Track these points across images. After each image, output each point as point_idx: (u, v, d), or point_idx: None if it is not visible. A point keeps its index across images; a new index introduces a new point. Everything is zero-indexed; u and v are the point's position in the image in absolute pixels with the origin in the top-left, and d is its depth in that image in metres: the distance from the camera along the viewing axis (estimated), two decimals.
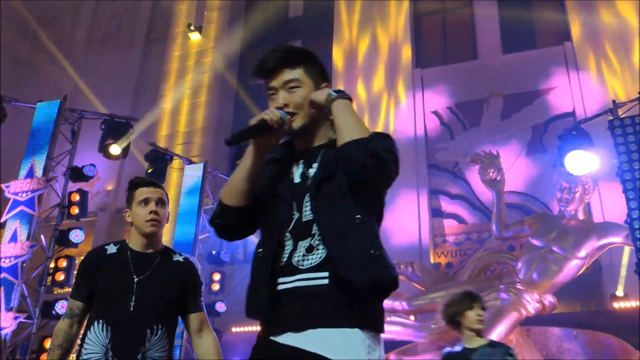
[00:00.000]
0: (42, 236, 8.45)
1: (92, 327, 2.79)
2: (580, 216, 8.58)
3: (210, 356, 2.88)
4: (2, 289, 7.93)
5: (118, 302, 2.81)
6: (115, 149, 9.24)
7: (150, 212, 2.92)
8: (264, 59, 2.03)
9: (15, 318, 7.82)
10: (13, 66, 17.19)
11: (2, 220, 8.39)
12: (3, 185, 8.52)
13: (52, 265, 8.36)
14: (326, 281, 1.82)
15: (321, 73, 2.09)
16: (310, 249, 1.87)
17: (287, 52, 2.05)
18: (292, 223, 1.92)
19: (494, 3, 13.37)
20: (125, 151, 9.41)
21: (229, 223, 2.03)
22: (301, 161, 2.00)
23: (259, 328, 1.97)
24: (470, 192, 11.47)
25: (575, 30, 12.19)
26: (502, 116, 12.02)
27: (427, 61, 13.48)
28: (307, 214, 1.91)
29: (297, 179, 1.98)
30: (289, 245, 1.90)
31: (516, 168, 11.07)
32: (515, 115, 11.90)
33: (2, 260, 7.98)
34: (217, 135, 13.74)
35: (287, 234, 1.91)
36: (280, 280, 1.87)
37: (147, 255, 2.93)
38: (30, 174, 8.50)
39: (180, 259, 3.00)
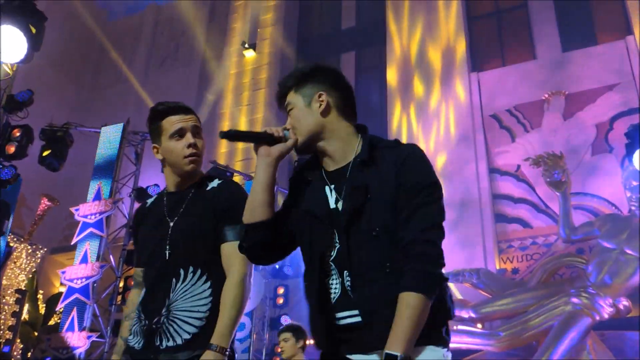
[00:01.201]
0: (111, 256, 8.69)
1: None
2: None
3: (225, 301, 2.26)
4: (75, 309, 8.19)
5: (155, 255, 2.40)
6: None
7: (189, 145, 2.43)
8: (276, 92, 2.10)
9: (88, 337, 8.05)
10: (78, 92, 17.84)
11: (73, 242, 8.68)
12: (73, 209, 8.82)
13: (121, 284, 8.59)
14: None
15: (315, 84, 2.01)
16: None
17: (286, 79, 2.06)
18: (335, 251, 1.88)
19: (550, 1, 13.10)
20: None
21: (256, 241, 1.97)
22: (333, 185, 1.94)
23: None
24: (534, 195, 11.21)
25: (637, 22, 11.79)
26: (564, 116, 11.71)
27: (483, 64, 13.29)
28: (343, 246, 1.87)
29: (332, 204, 1.93)
30: (335, 276, 1.88)
31: (582, 168, 10.76)
32: (578, 114, 11.58)
33: (74, 281, 8.25)
34: None
35: (331, 264, 1.88)
36: (338, 315, 1.86)
37: (181, 193, 2.47)
38: (98, 197, 8.77)
39: (215, 184, 2.48)
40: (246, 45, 15.36)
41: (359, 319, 1.81)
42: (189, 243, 2.35)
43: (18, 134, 7.34)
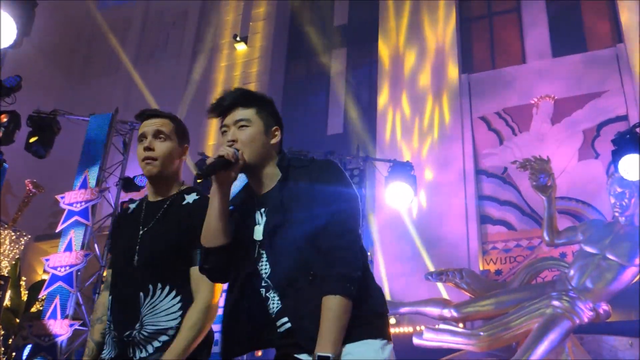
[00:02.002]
0: (95, 245, 8.67)
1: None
2: (636, 222, 8.33)
3: (186, 322, 2.27)
4: (58, 297, 8.16)
5: (123, 262, 2.40)
6: None
7: (144, 148, 2.40)
8: (221, 98, 2.16)
9: (71, 325, 8.03)
10: (66, 81, 17.72)
11: (58, 230, 8.65)
12: (58, 197, 8.78)
13: (105, 273, 8.56)
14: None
15: (273, 116, 2.18)
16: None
17: (242, 93, 2.16)
18: (268, 268, 2.05)
19: (542, 5, 13.17)
20: None
21: (217, 264, 2.08)
22: (262, 208, 2.09)
23: None
24: (519, 199, 11.29)
25: (628, 31, 11.88)
26: (552, 121, 11.80)
27: (474, 66, 13.35)
28: (271, 262, 2.05)
29: (261, 226, 2.08)
30: (272, 290, 2.05)
31: (568, 174, 10.85)
32: (566, 120, 11.67)
33: (58, 269, 8.22)
34: None
35: (268, 280, 2.05)
36: (279, 322, 2.04)
37: (157, 202, 2.45)
38: (84, 185, 8.74)
39: (190, 200, 2.43)
40: (238, 39, 15.32)
41: (289, 325, 1.99)
42: (156, 255, 2.35)
43: (5, 120, 7.30)
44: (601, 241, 8.11)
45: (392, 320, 9.96)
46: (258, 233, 2.07)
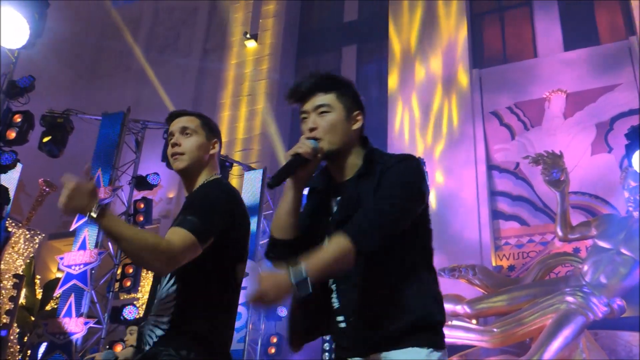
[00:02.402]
0: (109, 243, 8.72)
1: None
2: None
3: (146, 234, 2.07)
4: (73, 295, 8.23)
5: None
6: None
7: (172, 145, 2.39)
8: (300, 83, 2.07)
9: (85, 323, 8.09)
10: (78, 80, 17.81)
11: (72, 228, 8.71)
12: None
13: (119, 272, 8.62)
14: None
15: (354, 100, 2.08)
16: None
17: (322, 77, 2.07)
18: None
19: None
20: None
21: (283, 255, 2.01)
22: (337, 197, 2.03)
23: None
24: (532, 194, 11.23)
25: None
26: (564, 115, 11.72)
27: (485, 61, 13.29)
28: None
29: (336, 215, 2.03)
30: (334, 284, 2.01)
31: (580, 168, 10.78)
32: (578, 114, 11.59)
33: (73, 267, 8.28)
34: (275, 141, 13.88)
35: None
36: (338, 319, 1.98)
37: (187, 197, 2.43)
38: (97, 184, 8.79)
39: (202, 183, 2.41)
40: (248, 36, 15.33)
41: (344, 324, 1.94)
42: None
43: (19, 120, 7.36)
44: (615, 236, 8.08)
45: None
46: (331, 222, 2.01)
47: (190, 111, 2.52)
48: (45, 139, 8.76)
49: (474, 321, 8.74)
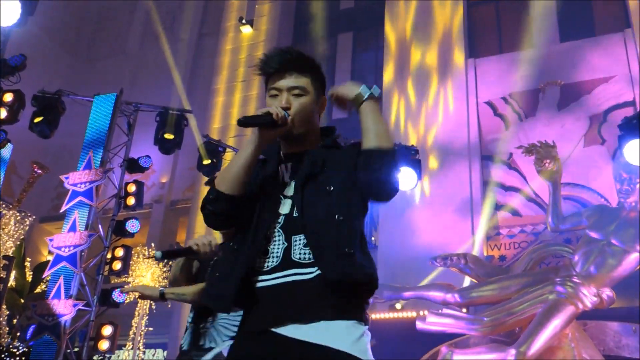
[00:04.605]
0: (99, 226, 8.68)
1: None
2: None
3: None
4: (62, 277, 8.19)
5: None
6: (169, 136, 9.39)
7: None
8: (274, 57, 2.06)
9: (74, 305, 8.06)
10: (72, 61, 17.69)
11: (62, 210, 8.66)
12: (63, 177, 8.78)
13: (109, 254, 8.58)
14: (311, 276, 1.86)
15: (322, 84, 2.13)
16: (306, 244, 1.90)
17: (300, 57, 2.08)
18: (282, 219, 1.96)
19: None
20: (179, 143, 9.55)
21: (222, 211, 1.99)
22: (289, 163, 2.05)
23: None
24: (525, 184, 11.24)
25: (636, 15, 11.76)
26: (558, 106, 11.72)
27: (480, 51, 13.26)
28: (296, 210, 1.96)
29: (287, 178, 2.03)
30: (281, 241, 1.93)
31: (573, 159, 10.79)
32: (572, 105, 11.59)
33: (62, 249, 8.24)
34: None
35: (279, 230, 1.94)
36: (276, 275, 1.89)
37: None
38: (89, 166, 8.74)
39: None
40: (243, 21, 15.24)
41: (301, 277, 1.85)
42: None
43: (10, 99, 7.28)
44: (606, 227, 8.08)
45: (397, 306, 9.97)
46: (286, 185, 2.01)
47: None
48: (37, 120, 8.68)
49: (464, 310, 8.74)
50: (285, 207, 1.97)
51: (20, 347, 7.89)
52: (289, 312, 1.83)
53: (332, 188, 1.93)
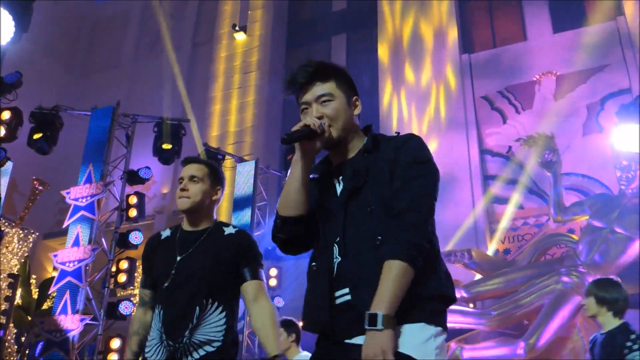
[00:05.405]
0: (103, 239, 8.67)
1: (154, 313, 2.83)
2: None
3: (266, 322, 2.74)
4: (68, 292, 8.17)
5: (165, 283, 2.80)
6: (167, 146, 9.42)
7: (181, 189, 2.89)
8: (295, 74, 2.07)
9: (82, 320, 8.04)
10: (68, 76, 17.72)
11: (65, 225, 8.65)
12: (64, 192, 8.78)
13: (114, 267, 8.57)
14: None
15: (351, 86, 2.12)
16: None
17: (318, 66, 2.07)
18: (339, 236, 1.96)
19: None
20: (178, 153, 9.56)
21: (292, 235, 2.04)
22: (340, 176, 2.04)
23: None
24: (525, 176, 11.24)
25: (629, 4, 11.78)
26: (555, 97, 11.73)
27: (474, 46, 13.27)
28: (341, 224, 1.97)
29: (339, 192, 2.02)
30: (336, 256, 1.95)
31: (573, 149, 10.80)
32: (569, 95, 11.59)
33: (67, 264, 8.24)
34: (267, 133, 13.85)
35: (335, 246, 1.96)
36: (338, 293, 1.91)
37: (195, 232, 2.90)
38: (89, 180, 8.73)
39: (233, 231, 2.91)
40: (237, 28, 15.26)
41: (349, 297, 1.87)
42: (197, 276, 2.75)
43: (8, 116, 7.29)
44: (608, 215, 8.10)
45: None
46: (338, 199, 2.00)
47: (201, 160, 3.06)
48: (36, 136, 8.69)
49: (471, 305, 8.75)
50: (341, 223, 1.97)
51: None
52: (354, 325, 1.84)
53: (372, 208, 1.92)
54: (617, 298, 3.79)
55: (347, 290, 1.88)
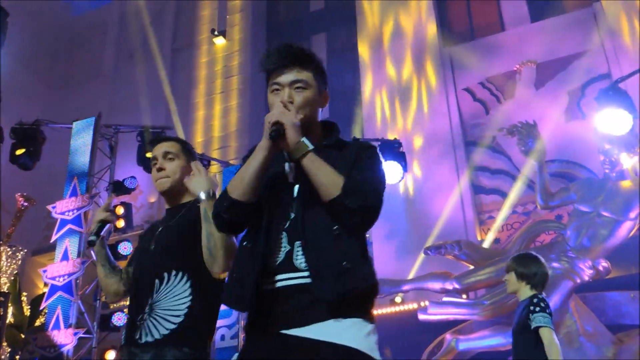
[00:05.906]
0: (92, 251, 8.61)
1: None
2: (627, 177, 8.36)
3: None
4: (60, 307, 8.12)
5: (140, 253, 2.71)
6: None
7: (157, 169, 2.73)
8: (274, 52, 2.07)
9: (75, 334, 7.99)
10: (48, 89, 17.60)
11: (53, 240, 8.59)
12: (50, 207, 8.72)
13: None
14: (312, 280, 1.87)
15: (324, 79, 2.14)
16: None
17: (301, 52, 2.08)
18: (288, 222, 1.95)
19: None
20: None
21: (237, 218, 2.00)
22: (292, 162, 2.02)
23: None
24: (511, 166, 11.31)
25: None
26: (536, 85, 11.81)
27: (453, 39, 13.32)
28: (298, 216, 1.95)
29: (291, 178, 2.02)
30: (284, 243, 1.93)
31: (556, 136, 10.85)
32: (550, 83, 11.67)
33: (57, 279, 8.18)
34: (251, 136, 13.82)
35: (283, 233, 1.94)
36: (278, 277, 1.90)
37: (177, 207, 2.75)
38: (74, 193, 8.67)
39: None
40: (216, 33, 15.23)
41: (302, 280, 1.86)
42: (170, 245, 2.56)
43: None
44: (594, 199, 8.15)
45: (397, 299, 9.98)
46: (290, 186, 2.00)
47: (170, 137, 2.89)
48: (18, 152, 8.62)
49: (464, 296, 8.78)
50: (291, 210, 1.96)
51: None
52: (295, 316, 1.84)
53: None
54: (536, 272, 3.95)
55: (299, 274, 1.87)
